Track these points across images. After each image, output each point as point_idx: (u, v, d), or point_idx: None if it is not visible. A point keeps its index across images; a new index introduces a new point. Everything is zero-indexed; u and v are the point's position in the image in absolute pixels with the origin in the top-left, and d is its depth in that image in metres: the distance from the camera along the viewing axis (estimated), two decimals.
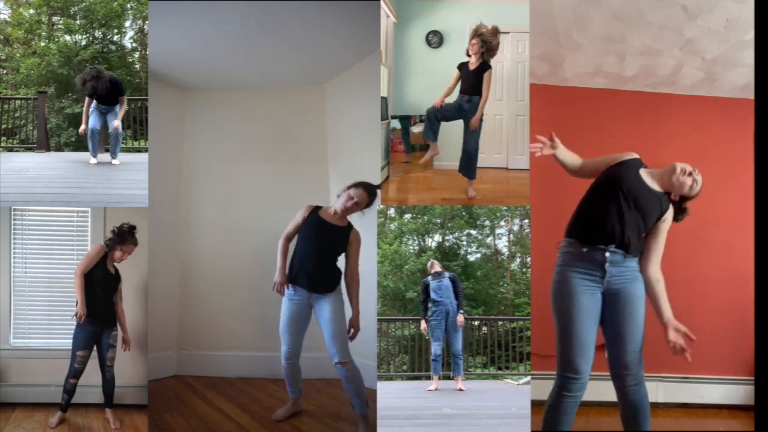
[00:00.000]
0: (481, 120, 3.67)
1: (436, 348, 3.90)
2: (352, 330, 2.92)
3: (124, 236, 3.21)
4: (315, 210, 3.00)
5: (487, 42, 3.57)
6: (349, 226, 3.01)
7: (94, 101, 4.41)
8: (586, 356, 2.36)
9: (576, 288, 2.39)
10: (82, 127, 4.44)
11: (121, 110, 4.49)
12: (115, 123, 4.44)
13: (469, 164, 3.70)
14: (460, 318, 3.90)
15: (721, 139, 4.02)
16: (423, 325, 3.97)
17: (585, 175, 2.63)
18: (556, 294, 2.44)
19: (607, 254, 2.38)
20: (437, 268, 4.03)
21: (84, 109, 4.46)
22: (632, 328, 2.38)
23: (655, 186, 2.49)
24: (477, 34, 3.59)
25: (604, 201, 2.45)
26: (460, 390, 3.87)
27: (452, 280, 3.95)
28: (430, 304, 3.96)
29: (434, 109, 3.72)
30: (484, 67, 3.62)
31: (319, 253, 2.92)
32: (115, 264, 3.26)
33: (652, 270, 2.45)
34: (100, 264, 3.19)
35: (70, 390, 3.23)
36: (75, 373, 3.21)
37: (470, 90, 3.66)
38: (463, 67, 3.69)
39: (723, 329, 3.85)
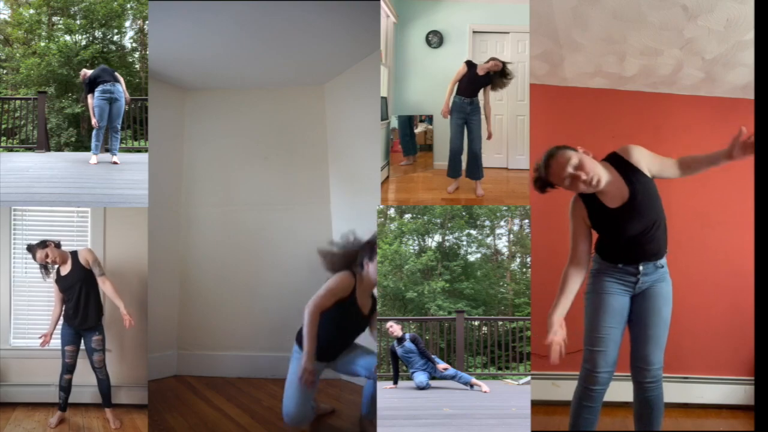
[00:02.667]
0: (479, 117, 3.73)
1: (422, 380, 3.69)
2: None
3: (33, 248, 3.23)
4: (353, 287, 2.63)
5: (505, 75, 3.70)
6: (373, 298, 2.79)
7: (97, 92, 4.42)
8: (604, 351, 2.41)
9: (606, 288, 2.46)
10: (94, 120, 4.45)
11: (122, 85, 4.56)
12: (126, 96, 4.54)
13: (476, 165, 3.75)
14: (442, 366, 3.73)
15: (721, 140, 4.00)
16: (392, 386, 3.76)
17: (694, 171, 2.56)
18: (587, 291, 2.51)
19: (641, 267, 2.44)
20: (397, 332, 3.76)
21: (88, 104, 4.49)
22: (654, 322, 2.43)
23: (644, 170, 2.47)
24: (503, 64, 3.71)
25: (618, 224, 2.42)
26: (485, 392, 3.72)
27: (413, 341, 3.74)
28: (404, 367, 3.79)
29: (460, 147, 3.74)
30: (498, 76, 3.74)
31: (349, 336, 2.76)
32: (61, 266, 3.25)
33: None
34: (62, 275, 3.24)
35: (65, 387, 3.26)
36: (67, 368, 3.26)
37: (469, 92, 3.70)
38: (472, 66, 3.72)
39: (723, 329, 3.85)
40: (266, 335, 3.87)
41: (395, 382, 3.76)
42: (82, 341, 3.28)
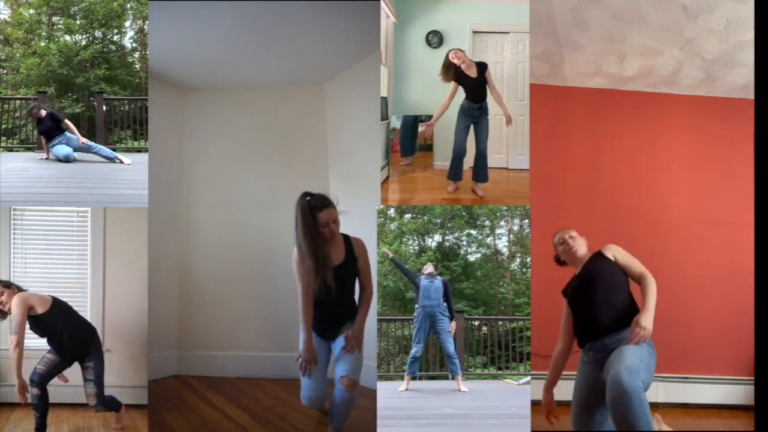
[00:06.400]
0: (487, 119, 3.70)
1: (417, 350, 3.84)
2: (348, 342, 2.64)
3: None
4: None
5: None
6: (348, 243, 2.75)
7: (55, 149, 4.46)
8: None
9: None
10: (44, 155, 4.51)
11: (71, 129, 4.53)
12: (81, 140, 4.50)
13: (483, 167, 3.72)
14: (453, 325, 3.88)
15: (721, 139, 4.02)
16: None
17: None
18: None
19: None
20: (430, 269, 3.98)
21: (43, 144, 4.55)
22: None
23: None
24: (452, 51, 3.63)
25: None
26: (462, 391, 3.85)
27: (444, 284, 3.92)
28: (416, 305, 3.90)
29: (464, 150, 3.67)
30: (483, 68, 3.62)
31: (339, 290, 2.67)
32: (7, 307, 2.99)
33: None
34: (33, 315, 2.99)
35: (37, 405, 2.96)
36: (35, 378, 2.95)
37: (477, 97, 3.65)
38: (463, 79, 3.64)
39: (723, 329, 3.85)
40: (266, 335, 3.87)
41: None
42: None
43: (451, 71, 3.62)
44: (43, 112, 4.49)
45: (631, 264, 2.57)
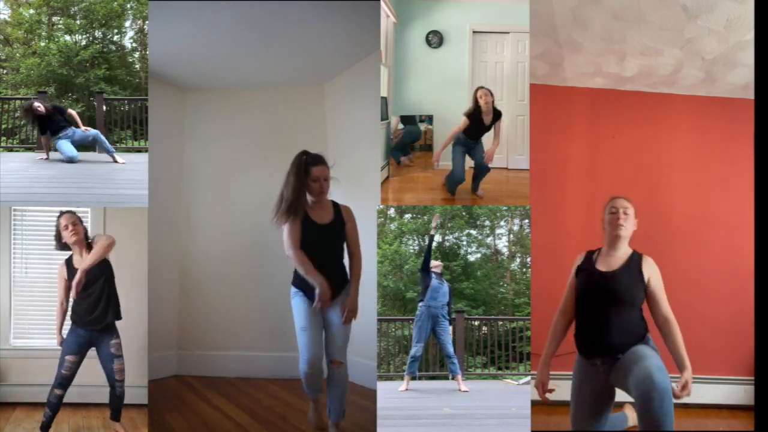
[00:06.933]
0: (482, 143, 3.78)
1: (417, 349, 3.83)
2: (345, 313, 2.70)
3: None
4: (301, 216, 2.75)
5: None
6: (338, 212, 2.81)
7: (59, 142, 4.38)
8: None
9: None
10: (44, 156, 4.43)
11: (75, 120, 4.47)
12: (83, 128, 4.45)
13: (480, 179, 3.78)
14: (451, 330, 3.89)
15: (721, 139, 4.02)
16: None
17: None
18: None
19: None
20: (440, 267, 3.97)
21: (42, 142, 4.47)
22: None
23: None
24: (483, 90, 3.68)
25: None
26: (463, 391, 3.84)
27: (449, 289, 3.92)
28: (420, 304, 3.89)
29: (462, 178, 3.70)
30: (498, 116, 3.71)
31: (327, 253, 2.74)
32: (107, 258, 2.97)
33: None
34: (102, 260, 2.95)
35: (54, 404, 2.93)
36: (61, 381, 2.93)
37: (478, 136, 3.72)
38: (475, 118, 3.69)
39: (723, 329, 3.85)
40: (266, 335, 3.87)
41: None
42: (89, 351, 3.02)
43: (471, 108, 3.69)
44: (42, 108, 4.35)
45: (660, 302, 2.49)
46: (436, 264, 3.96)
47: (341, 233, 2.78)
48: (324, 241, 2.72)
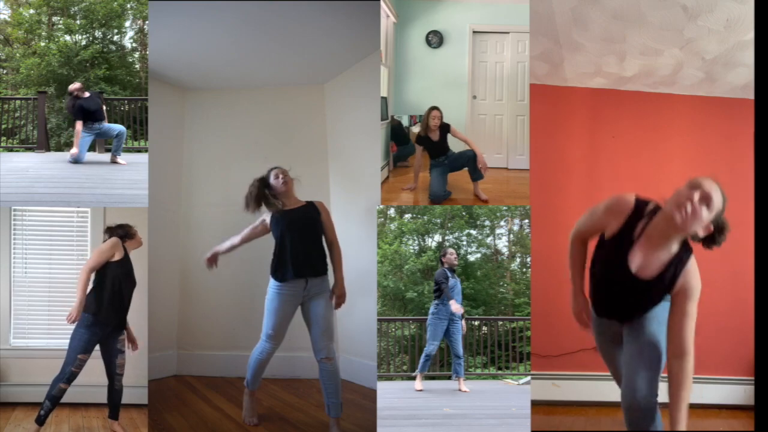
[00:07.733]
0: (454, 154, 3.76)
1: (433, 348, 3.78)
2: (334, 298, 2.84)
3: (128, 231, 3.07)
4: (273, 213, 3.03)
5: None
6: (310, 203, 3.00)
7: (86, 129, 4.34)
8: None
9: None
10: (75, 150, 4.33)
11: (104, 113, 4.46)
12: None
13: (476, 167, 3.73)
14: (464, 325, 3.86)
15: (721, 139, 4.02)
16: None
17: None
18: None
19: None
20: (454, 259, 3.86)
21: (77, 130, 4.36)
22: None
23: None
24: (436, 111, 3.71)
25: None
26: (464, 391, 3.83)
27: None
28: (436, 301, 3.79)
29: (437, 196, 3.69)
30: (445, 130, 3.71)
31: (302, 239, 2.89)
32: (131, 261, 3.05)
33: None
34: (115, 261, 2.97)
35: (56, 396, 2.91)
36: (69, 377, 2.91)
37: (441, 153, 3.73)
38: (425, 141, 3.72)
39: (723, 329, 3.85)
40: None
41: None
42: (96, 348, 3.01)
43: (418, 132, 3.74)
44: (87, 93, 4.35)
45: (687, 331, 2.15)
46: (453, 254, 3.87)
47: (313, 219, 2.94)
48: (297, 224, 2.93)
